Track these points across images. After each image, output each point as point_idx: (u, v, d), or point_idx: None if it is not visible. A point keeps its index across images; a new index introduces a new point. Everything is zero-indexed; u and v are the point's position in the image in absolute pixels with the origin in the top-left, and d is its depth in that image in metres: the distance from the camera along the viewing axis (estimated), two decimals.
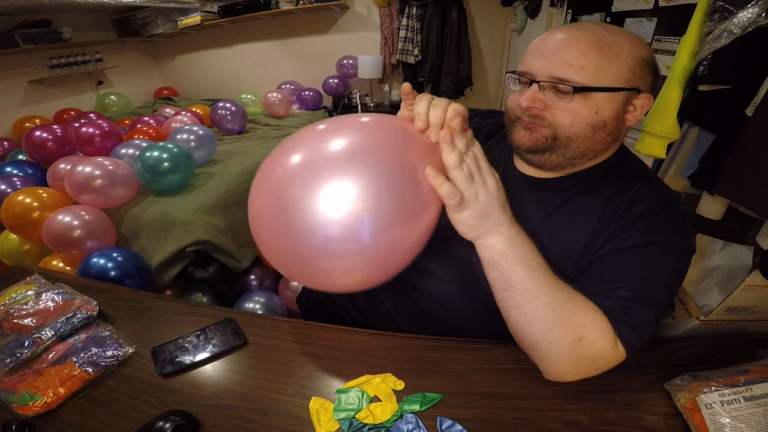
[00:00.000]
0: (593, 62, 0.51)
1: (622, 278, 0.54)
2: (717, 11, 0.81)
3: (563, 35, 0.54)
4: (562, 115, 0.54)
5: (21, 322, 0.68)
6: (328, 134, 0.48)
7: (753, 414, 0.50)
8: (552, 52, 0.53)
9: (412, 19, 2.83)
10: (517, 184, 0.65)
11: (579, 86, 0.52)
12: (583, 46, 0.52)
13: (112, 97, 3.10)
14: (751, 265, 0.81)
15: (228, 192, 1.68)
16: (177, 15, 3.23)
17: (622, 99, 0.54)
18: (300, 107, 3.05)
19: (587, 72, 0.51)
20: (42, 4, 2.31)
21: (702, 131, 1.02)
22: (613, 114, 0.54)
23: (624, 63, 0.52)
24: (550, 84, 0.53)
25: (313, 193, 0.43)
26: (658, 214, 0.55)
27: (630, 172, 0.61)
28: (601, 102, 0.53)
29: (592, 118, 0.54)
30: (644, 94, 0.54)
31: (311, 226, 0.44)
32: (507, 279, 0.52)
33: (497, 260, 0.53)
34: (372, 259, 0.49)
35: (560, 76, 0.52)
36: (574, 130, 0.55)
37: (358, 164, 0.44)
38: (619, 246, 0.55)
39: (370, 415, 0.54)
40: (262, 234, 0.51)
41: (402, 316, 0.77)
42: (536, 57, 0.55)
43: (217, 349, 0.66)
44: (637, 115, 0.55)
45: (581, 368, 0.53)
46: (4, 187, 1.52)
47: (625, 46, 0.52)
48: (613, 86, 0.52)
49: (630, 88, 0.53)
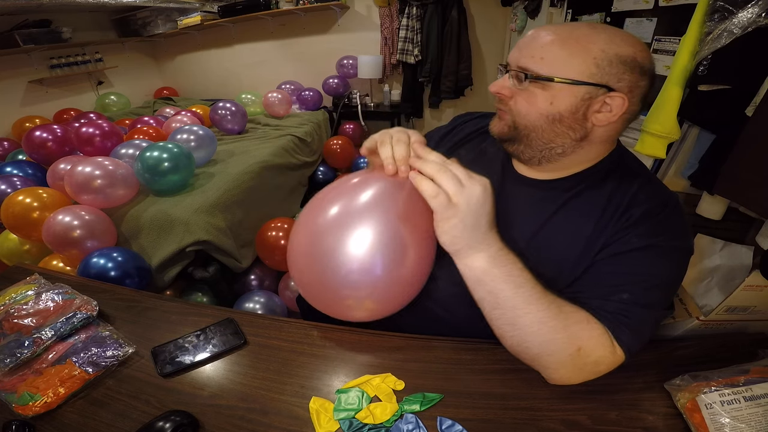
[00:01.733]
0: (553, 54, 0.52)
1: (623, 282, 0.54)
2: (717, 11, 0.81)
3: (540, 31, 0.55)
4: (520, 102, 0.56)
5: (21, 322, 0.68)
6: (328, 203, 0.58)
7: (753, 414, 0.50)
8: (524, 45, 0.55)
9: (412, 19, 2.83)
10: (516, 185, 0.65)
11: (534, 75, 0.53)
12: (548, 38, 0.53)
13: (112, 97, 3.10)
14: (751, 265, 0.81)
15: (228, 192, 1.68)
16: (177, 15, 3.23)
17: (583, 94, 0.52)
18: (300, 107, 3.05)
19: (546, 62, 0.52)
20: (42, 4, 2.31)
21: (702, 131, 1.02)
22: (571, 107, 0.53)
23: (590, 57, 0.51)
24: (515, 72, 0.55)
25: (338, 239, 0.55)
26: (657, 215, 0.55)
27: (629, 171, 0.60)
28: (558, 94, 0.53)
29: (546, 109, 0.54)
30: (618, 93, 0.52)
31: (336, 263, 0.54)
32: (494, 297, 0.52)
33: (481, 278, 0.53)
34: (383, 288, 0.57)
35: (523, 66, 0.54)
36: (529, 119, 0.56)
37: (362, 220, 0.55)
38: (618, 249, 0.55)
39: (370, 415, 0.54)
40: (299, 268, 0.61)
41: (401, 316, 0.77)
42: (514, 50, 0.57)
43: (217, 349, 0.66)
44: (610, 115, 0.53)
45: (584, 374, 0.54)
46: (4, 187, 1.52)
47: (599, 42, 0.51)
48: (570, 78, 0.52)
49: (595, 84, 0.51)
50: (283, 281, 1.72)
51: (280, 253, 1.70)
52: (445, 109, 3.30)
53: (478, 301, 0.55)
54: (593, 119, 0.54)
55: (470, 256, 0.53)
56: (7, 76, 2.52)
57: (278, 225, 1.73)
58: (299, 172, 2.34)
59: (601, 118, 0.54)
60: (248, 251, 1.74)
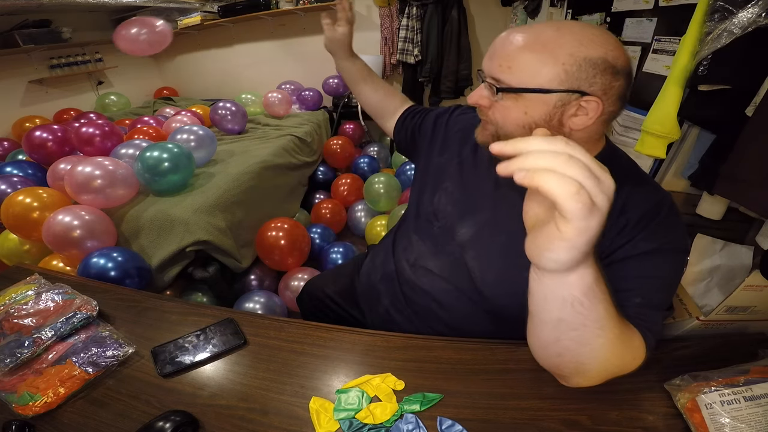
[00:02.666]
0: (522, 63, 0.51)
1: (633, 286, 0.54)
2: (717, 11, 0.81)
3: (509, 35, 0.54)
4: (497, 113, 0.56)
5: (21, 322, 0.68)
6: None
7: (753, 414, 0.50)
8: (494, 52, 0.55)
9: (412, 19, 2.82)
10: (510, 183, 0.65)
11: (504, 87, 0.53)
12: (515, 47, 0.52)
13: (112, 97, 3.10)
14: (751, 265, 0.81)
15: (228, 192, 1.68)
16: (177, 15, 3.22)
17: (555, 101, 0.52)
18: (300, 107, 3.05)
19: (514, 72, 0.52)
20: (42, 4, 2.31)
21: (702, 131, 1.02)
22: (545, 116, 0.53)
23: (558, 64, 0.50)
24: (488, 84, 0.55)
25: None
26: (655, 217, 0.55)
27: (620, 170, 0.60)
28: (530, 103, 0.53)
29: (521, 119, 0.54)
30: (591, 97, 0.50)
31: None
32: (582, 318, 0.44)
33: (579, 299, 0.43)
34: None
35: (495, 76, 0.54)
36: (507, 129, 0.56)
37: None
38: (627, 254, 0.54)
39: (370, 415, 0.54)
40: None
41: (400, 315, 0.77)
42: (486, 56, 0.56)
43: (217, 349, 0.66)
44: (587, 119, 0.52)
45: (609, 377, 0.52)
46: (4, 187, 1.52)
47: (566, 46, 0.49)
48: (539, 87, 0.51)
49: (566, 90, 0.50)
50: (283, 281, 1.72)
51: (279, 253, 1.70)
52: None
53: (553, 321, 0.46)
54: (570, 124, 0.53)
55: (577, 272, 0.41)
56: (7, 76, 2.52)
57: (278, 225, 1.73)
58: (299, 172, 2.34)
59: (577, 122, 0.53)
60: (248, 251, 1.74)
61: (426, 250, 0.74)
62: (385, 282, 0.81)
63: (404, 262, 0.77)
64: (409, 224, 0.81)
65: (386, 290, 0.80)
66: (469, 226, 0.68)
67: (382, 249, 0.87)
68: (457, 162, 0.74)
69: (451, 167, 0.75)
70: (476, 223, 0.68)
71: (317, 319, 0.90)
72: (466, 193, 0.71)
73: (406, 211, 0.86)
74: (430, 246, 0.74)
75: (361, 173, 2.57)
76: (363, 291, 0.89)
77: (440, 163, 0.77)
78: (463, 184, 0.72)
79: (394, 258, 0.81)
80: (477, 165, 0.71)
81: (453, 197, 0.72)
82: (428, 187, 0.77)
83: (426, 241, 0.75)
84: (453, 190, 0.73)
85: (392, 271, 0.80)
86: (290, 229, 1.73)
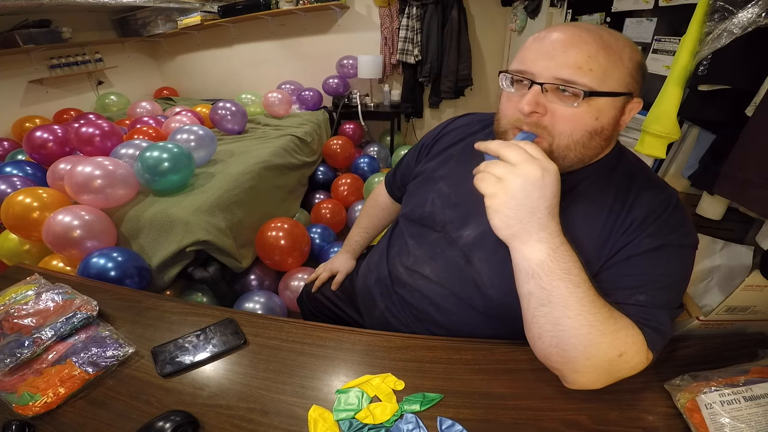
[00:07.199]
0: (601, 65, 0.49)
1: (637, 283, 0.53)
2: (717, 11, 0.81)
3: (568, 34, 0.50)
4: (563, 122, 0.51)
5: (21, 322, 0.68)
6: None
7: (753, 414, 0.50)
8: (558, 52, 0.49)
9: (412, 19, 2.83)
10: None
11: (588, 90, 0.48)
12: (591, 47, 0.49)
13: (112, 97, 3.10)
14: (751, 265, 0.81)
15: (228, 192, 1.68)
16: (177, 15, 3.23)
17: (620, 104, 0.52)
18: (300, 107, 3.05)
19: (595, 75, 0.48)
20: (42, 4, 2.31)
21: (702, 131, 1.02)
22: (612, 120, 0.53)
23: (625, 67, 0.50)
24: (554, 86, 0.50)
25: None
26: (661, 215, 0.55)
27: (628, 169, 0.60)
28: (603, 108, 0.51)
29: (591, 125, 0.51)
30: (636, 99, 0.53)
31: None
32: (546, 294, 0.48)
33: (536, 272, 0.48)
34: None
35: (567, 78, 0.49)
36: (573, 138, 0.52)
37: None
38: (631, 252, 0.54)
39: (370, 416, 0.54)
40: None
41: (395, 319, 0.76)
42: (538, 56, 0.51)
43: (217, 349, 0.66)
44: (626, 119, 0.54)
45: (611, 378, 0.52)
46: (4, 187, 1.52)
47: (625, 50, 0.51)
48: (616, 91, 0.51)
49: (628, 93, 0.52)
50: (283, 281, 1.72)
51: (279, 253, 1.70)
52: (445, 109, 3.29)
53: (525, 295, 0.51)
54: (619, 126, 0.55)
55: (528, 245, 0.48)
56: (7, 76, 2.52)
57: (278, 225, 1.73)
58: (299, 172, 2.34)
59: (622, 124, 0.55)
60: (248, 251, 1.74)
61: (422, 255, 0.73)
62: (379, 285, 0.80)
63: (399, 266, 0.76)
64: (403, 227, 0.79)
65: (380, 294, 0.79)
66: (474, 228, 0.67)
67: (378, 251, 0.86)
68: (453, 162, 0.73)
69: (442, 169, 0.74)
70: (481, 224, 0.65)
71: (317, 320, 0.90)
72: (464, 195, 0.69)
73: (400, 213, 0.84)
74: (427, 250, 0.73)
75: (361, 173, 2.57)
76: (360, 293, 0.89)
77: (431, 167, 0.76)
78: (458, 184, 0.70)
79: (388, 262, 0.80)
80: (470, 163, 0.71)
81: (450, 200, 0.70)
82: (420, 190, 0.76)
83: (423, 246, 0.73)
84: (449, 192, 0.71)
85: (386, 275, 0.78)
86: (290, 229, 1.73)
